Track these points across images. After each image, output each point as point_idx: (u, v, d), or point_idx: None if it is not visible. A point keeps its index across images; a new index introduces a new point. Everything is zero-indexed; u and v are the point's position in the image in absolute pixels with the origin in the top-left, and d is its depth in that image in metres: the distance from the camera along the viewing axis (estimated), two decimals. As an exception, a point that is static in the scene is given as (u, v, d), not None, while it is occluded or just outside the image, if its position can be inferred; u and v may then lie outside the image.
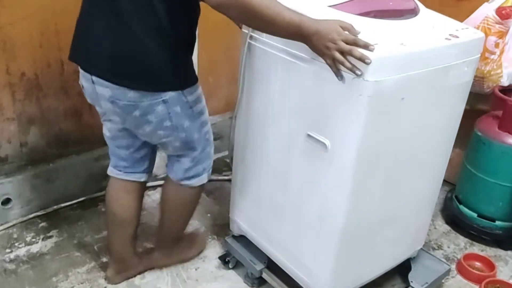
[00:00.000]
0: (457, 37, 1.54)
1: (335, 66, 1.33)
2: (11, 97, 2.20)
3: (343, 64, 1.30)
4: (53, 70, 2.26)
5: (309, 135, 1.54)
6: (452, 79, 1.58)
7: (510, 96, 2.19)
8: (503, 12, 2.22)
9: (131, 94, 1.47)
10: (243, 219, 1.98)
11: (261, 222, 1.89)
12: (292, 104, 1.58)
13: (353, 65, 1.30)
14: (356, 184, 1.50)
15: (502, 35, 2.22)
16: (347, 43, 1.29)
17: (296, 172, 1.65)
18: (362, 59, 1.28)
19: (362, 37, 1.32)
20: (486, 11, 2.28)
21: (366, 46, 1.29)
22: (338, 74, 1.35)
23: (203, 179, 1.84)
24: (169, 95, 1.52)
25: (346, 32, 1.31)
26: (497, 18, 2.22)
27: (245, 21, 1.44)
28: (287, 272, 1.85)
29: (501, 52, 2.22)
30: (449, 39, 1.52)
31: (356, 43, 1.29)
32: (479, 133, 2.22)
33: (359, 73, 1.30)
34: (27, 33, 2.12)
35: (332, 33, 1.30)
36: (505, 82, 2.25)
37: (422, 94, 1.52)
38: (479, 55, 1.65)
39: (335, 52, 1.30)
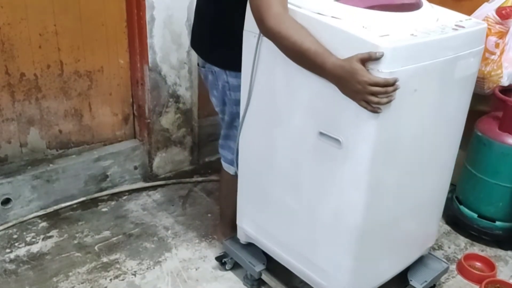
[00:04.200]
0: (463, 27, 1.54)
1: (369, 107, 1.34)
2: (11, 98, 2.21)
3: (380, 104, 1.32)
4: (53, 71, 2.26)
5: (321, 133, 1.50)
6: (460, 70, 1.57)
7: (510, 97, 2.19)
8: (503, 12, 2.21)
9: (200, 61, 1.92)
10: (251, 226, 1.93)
11: (271, 228, 1.84)
12: (302, 102, 1.55)
13: (390, 100, 1.33)
14: (373, 180, 1.48)
15: (502, 35, 2.22)
16: (377, 85, 1.31)
17: (307, 171, 1.61)
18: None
19: (374, 28, 1.33)
20: (486, 11, 2.27)
21: (395, 81, 1.31)
22: (376, 111, 1.35)
23: (225, 166, 2.01)
24: (216, 69, 1.80)
25: (370, 76, 1.30)
26: (497, 18, 2.22)
27: (283, 53, 1.50)
28: (301, 277, 1.81)
29: (501, 53, 2.21)
30: (456, 30, 1.52)
31: (387, 84, 1.30)
32: (480, 134, 2.22)
33: (393, 98, 1.34)
34: (25, 33, 2.12)
35: (357, 77, 1.31)
36: (505, 82, 2.24)
37: (433, 86, 1.50)
38: (484, 45, 1.65)
39: (367, 96, 1.32)
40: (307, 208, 1.66)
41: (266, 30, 1.47)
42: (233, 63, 1.73)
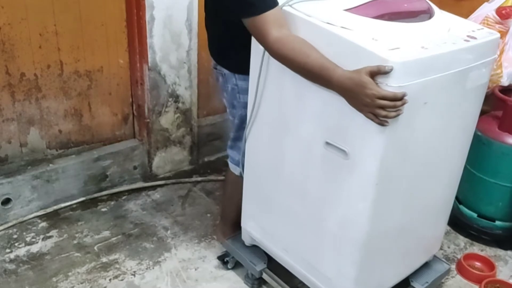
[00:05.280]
0: (475, 38, 1.51)
1: (377, 119, 1.33)
2: (11, 98, 2.20)
3: (387, 117, 1.31)
4: (53, 71, 2.26)
5: (327, 143, 1.49)
6: (471, 81, 1.54)
7: (510, 96, 2.19)
8: (503, 12, 2.21)
9: (212, 61, 1.88)
10: (256, 229, 1.93)
11: (276, 232, 1.83)
12: (310, 111, 1.53)
13: (397, 114, 1.32)
14: (379, 192, 1.46)
15: (502, 35, 2.22)
16: (385, 100, 1.29)
17: (314, 180, 1.60)
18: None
19: (384, 40, 1.31)
20: (486, 11, 2.27)
21: (404, 96, 1.29)
22: (383, 124, 1.33)
23: (232, 166, 1.98)
24: (225, 71, 1.79)
25: (379, 89, 1.29)
26: (497, 18, 2.22)
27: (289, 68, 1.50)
28: (305, 282, 1.80)
29: (501, 52, 2.21)
30: (468, 41, 1.48)
31: (395, 98, 1.29)
32: (479, 133, 2.22)
33: (401, 113, 1.33)
34: (26, 33, 2.12)
35: (365, 90, 1.29)
36: (505, 82, 2.25)
37: (443, 98, 1.47)
38: (496, 55, 1.62)
39: (375, 109, 1.31)
40: (313, 216, 1.65)
41: (270, 54, 1.50)
42: (242, 66, 1.72)
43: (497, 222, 2.29)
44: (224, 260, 2.11)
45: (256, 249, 1.98)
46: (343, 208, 1.54)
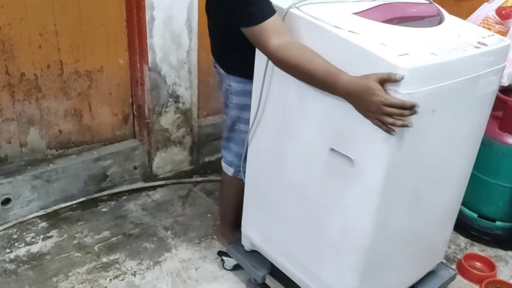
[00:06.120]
0: (486, 45, 1.47)
1: (384, 127, 1.29)
2: (11, 98, 2.20)
3: (394, 125, 1.27)
4: (53, 71, 2.26)
5: (332, 149, 1.46)
6: (481, 89, 1.51)
7: (510, 96, 2.19)
8: (503, 12, 2.21)
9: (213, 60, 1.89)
10: (256, 234, 1.90)
11: (277, 238, 1.81)
12: (315, 116, 1.50)
13: (404, 124, 1.27)
14: (384, 200, 1.42)
15: (502, 35, 2.22)
16: (393, 107, 1.25)
17: (316, 186, 1.57)
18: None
19: (393, 46, 1.29)
20: (486, 11, 2.27)
21: (413, 107, 1.25)
22: (390, 132, 1.30)
23: (224, 166, 1.99)
24: (221, 71, 1.81)
25: (387, 96, 1.26)
26: (497, 18, 2.22)
27: (293, 75, 1.49)
28: None
29: (502, 52, 2.21)
30: (479, 48, 1.44)
31: (403, 107, 1.25)
32: (479, 134, 2.22)
33: (410, 125, 1.28)
34: (26, 33, 2.12)
35: (373, 96, 1.26)
36: (505, 82, 2.24)
37: (452, 106, 1.44)
38: (506, 63, 1.58)
39: (382, 116, 1.27)
40: (314, 223, 1.63)
41: (273, 63, 1.49)
42: (237, 68, 1.72)
43: (498, 223, 2.29)
44: (221, 258, 2.10)
45: (259, 254, 1.96)
46: (345, 215, 1.52)
